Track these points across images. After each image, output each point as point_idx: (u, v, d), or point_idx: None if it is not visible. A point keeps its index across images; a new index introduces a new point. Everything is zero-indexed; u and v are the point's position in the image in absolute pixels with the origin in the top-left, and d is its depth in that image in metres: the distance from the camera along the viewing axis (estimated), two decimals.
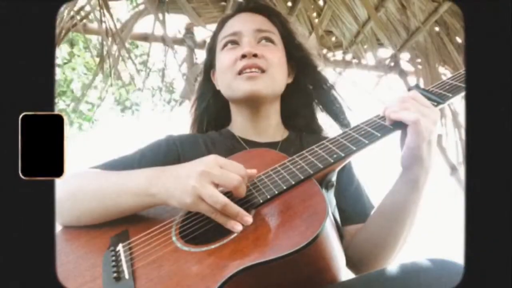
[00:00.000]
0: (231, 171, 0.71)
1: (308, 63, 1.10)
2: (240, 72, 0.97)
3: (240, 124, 1.06)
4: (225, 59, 1.02)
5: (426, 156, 0.75)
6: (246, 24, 1.03)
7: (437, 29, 2.52)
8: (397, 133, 0.78)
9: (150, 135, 0.99)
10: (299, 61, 1.09)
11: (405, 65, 2.67)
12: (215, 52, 1.08)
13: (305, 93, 1.11)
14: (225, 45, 1.03)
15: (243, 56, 0.97)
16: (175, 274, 0.64)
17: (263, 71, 0.97)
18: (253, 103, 1.01)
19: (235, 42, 1.02)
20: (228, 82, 1.01)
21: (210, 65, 1.12)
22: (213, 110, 1.13)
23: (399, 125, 0.77)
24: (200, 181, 0.69)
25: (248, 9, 1.09)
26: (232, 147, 1.00)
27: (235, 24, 1.06)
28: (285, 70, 1.05)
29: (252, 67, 0.96)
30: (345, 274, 0.71)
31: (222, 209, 0.68)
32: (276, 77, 1.00)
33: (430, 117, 0.74)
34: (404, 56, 2.66)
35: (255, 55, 0.97)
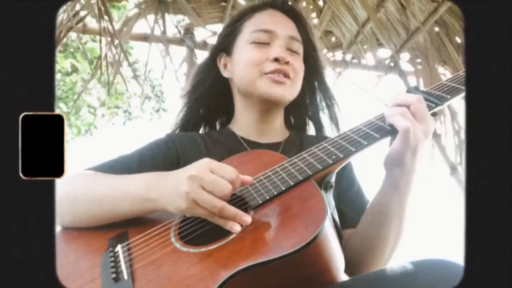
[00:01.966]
0: (223, 176, 0.69)
1: (320, 76, 1.12)
2: (267, 73, 0.97)
3: (244, 123, 1.06)
4: (252, 54, 0.99)
5: (408, 161, 0.75)
6: (281, 27, 1.02)
7: (436, 29, 2.52)
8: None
9: (138, 142, 0.99)
10: (313, 71, 1.10)
11: (405, 65, 2.68)
12: (236, 39, 1.05)
13: (311, 97, 1.13)
14: (255, 40, 1.01)
15: (276, 60, 0.97)
16: (173, 274, 0.64)
17: (290, 78, 0.98)
18: (270, 105, 1.01)
19: (266, 41, 1.00)
20: (251, 79, 0.98)
21: (221, 49, 1.09)
22: (212, 99, 1.11)
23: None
24: (191, 186, 0.68)
25: (280, 8, 1.07)
26: (232, 147, 0.99)
27: (268, 21, 1.03)
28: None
29: (281, 73, 0.97)
30: (344, 274, 0.71)
31: (219, 212, 0.67)
32: (297, 86, 1.02)
33: (425, 125, 0.74)
34: (404, 56, 2.66)
35: (287, 62, 0.97)
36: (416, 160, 0.76)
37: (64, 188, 0.81)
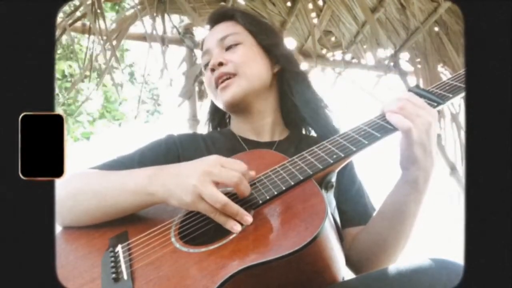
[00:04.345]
0: (232, 169, 0.71)
1: (284, 51, 1.11)
2: (216, 86, 1.01)
3: (238, 124, 1.08)
4: (205, 80, 1.07)
5: (421, 157, 0.75)
6: (211, 39, 1.07)
7: (436, 29, 2.52)
8: (398, 134, 0.77)
9: (134, 145, 1.01)
10: (276, 46, 1.09)
11: (404, 65, 2.68)
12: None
13: (291, 85, 1.08)
14: (203, 64, 1.09)
15: (212, 70, 1.01)
16: (173, 275, 0.64)
17: (234, 75, 0.99)
18: (238, 107, 1.02)
19: (208, 60, 1.05)
20: (214, 98, 1.06)
21: None
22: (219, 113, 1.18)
23: None
24: (201, 180, 0.69)
25: (213, 21, 1.12)
26: (231, 146, 1.00)
27: (205, 41, 1.10)
28: (262, 62, 1.04)
29: (222, 77, 0.99)
30: (345, 274, 0.71)
31: (222, 208, 0.68)
32: (249, 73, 1.00)
33: (424, 118, 0.74)
34: (404, 56, 2.66)
35: (220, 64, 1.00)
36: (429, 155, 0.75)
37: (65, 186, 0.81)
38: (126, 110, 5.89)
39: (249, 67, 1.01)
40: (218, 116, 1.18)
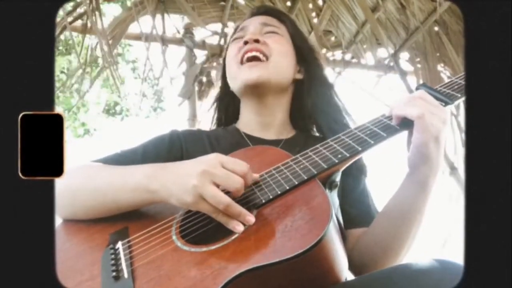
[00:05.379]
0: (234, 170, 0.69)
1: (317, 64, 1.13)
2: (242, 60, 1.00)
3: (246, 119, 1.07)
4: (230, 51, 1.06)
5: (434, 156, 0.72)
6: (253, 21, 1.09)
7: (436, 29, 2.52)
8: (403, 134, 0.76)
9: (135, 139, 1.00)
10: (308, 61, 1.10)
11: (404, 64, 2.68)
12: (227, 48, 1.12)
13: (313, 93, 1.09)
14: (233, 38, 1.09)
15: (246, 43, 1.01)
16: (174, 275, 0.63)
17: (265, 56, 1.00)
18: (257, 90, 1.01)
19: (241, 35, 1.06)
20: (233, 73, 1.04)
21: (225, 72, 1.15)
22: (229, 111, 1.16)
23: (405, 125, 0.75)
24: (201, 180, 0.67)
25: (258, 13, 1.14)
26: (235, 143, 0.98)
27: (245, 22, 1.11)
28: (291, 62, 1.06)
29: (253, 50, 0.99)
30: (349, 273, 0.70)
31: (224, 209, 0.67)
32: (280, 65, 1.01)
33: (437, 114, 0.72)
34: (404, 56, 2.66)
35: (256, 41, 1.00)
36: (440, 155, 0.73)
37: (66, 180, 0.80)
38: (128, 105, 5.91)
39: (281, 58, 1.03)
40: (224, 104, 1.16)
